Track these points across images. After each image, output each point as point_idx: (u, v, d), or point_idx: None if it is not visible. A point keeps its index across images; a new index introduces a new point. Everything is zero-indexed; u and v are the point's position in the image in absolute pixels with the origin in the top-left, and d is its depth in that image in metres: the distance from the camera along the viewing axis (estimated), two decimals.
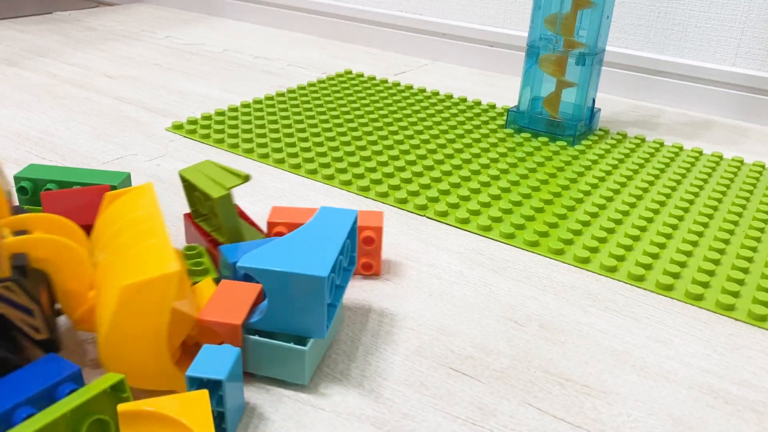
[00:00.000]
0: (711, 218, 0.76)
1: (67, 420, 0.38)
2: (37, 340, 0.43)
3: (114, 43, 1.39)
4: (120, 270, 0.44)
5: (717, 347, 0.55)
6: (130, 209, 0.50)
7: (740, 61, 1.10)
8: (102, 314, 0.44)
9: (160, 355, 0.44)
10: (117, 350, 0.43)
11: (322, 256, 0.47)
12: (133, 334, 0.43)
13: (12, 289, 0.41)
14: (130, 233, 0.47)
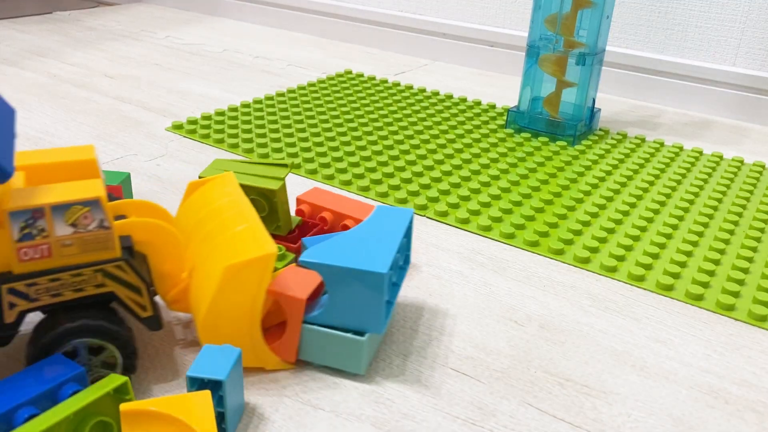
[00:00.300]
0: (711, 218, 0.76)
1: (70, 421, 0.39)
2: (143, 317, 0.46)
3: (114, 43, 1.39)
4: (216, 252, 0.47)
5: (717, 347, 0.55)
6: (214, 197, 0.52)
7: (740, 61, 1.10)
8: (200, 294, 0.46)
9: (255, 332, 0.47)
10: (216, 328, 0.46)
11: (382, 253, 0.48)
12: (231, 312, 0.46)
13: (123, 268, 0.44)
14: (219, 219, 0.50)
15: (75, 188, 0.43)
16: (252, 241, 0.46)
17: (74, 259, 0.42)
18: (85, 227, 0.42)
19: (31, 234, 0.41)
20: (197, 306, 0.47)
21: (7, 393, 0.40)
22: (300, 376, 0.49)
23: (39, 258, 0.41)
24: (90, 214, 0.42)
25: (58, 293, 0.42)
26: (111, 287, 0.44)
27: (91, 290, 0.43)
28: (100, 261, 0.43)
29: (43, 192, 0.42)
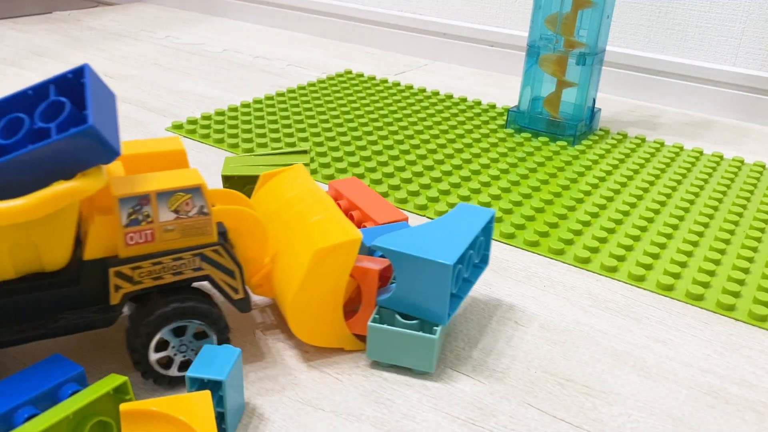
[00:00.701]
0: (711, 218, 0.76)
1: (70, 421, 0.39)
2: (235, 299, 0.48)
3: (114, 43, 1.39)
4: (301, 238, 0.49)
5: (717, 347, 0.55)
6: (288, 187, 0.55)
7: (741, 61, 1.10)
8: (286, 278, 0.49)
9: (337, 314, 0.49)
10: (302, 310, 0.48)
11: (452, 246, 0.49)
12: (317, 294, 0.48)
13: (219, 252, 0.46)
14: (298, 207, 0.52)
15: (177, 176, 0.45)
16: (336, 227, 0.49)
17: (175, 243, 0.44)
18: (186, 213, 0.44)
19: (137, 219, 0.43)
20: (283, 289, 0.49)
21: (7, 393, 0.40)
22: (300, 376, 0.49)
23: (143, 243, 0.43)
24: (191, 201, 0.44)
25: (159, 276, 0.44)
26: (207, 271, 0.46)
27: (189, 273, 0.45)
28: (198, 245, 0.45)
29: (148, 180, 0.44)
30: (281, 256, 0.50)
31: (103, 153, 0.40)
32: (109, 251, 0.43)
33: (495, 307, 0.58)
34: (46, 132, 0.39)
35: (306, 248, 0.48)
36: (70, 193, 0.38)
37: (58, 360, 0.43)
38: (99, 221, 0.42)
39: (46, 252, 0.41)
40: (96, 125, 0.38)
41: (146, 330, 0.44)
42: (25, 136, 0.40)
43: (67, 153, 0.39)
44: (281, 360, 0.50)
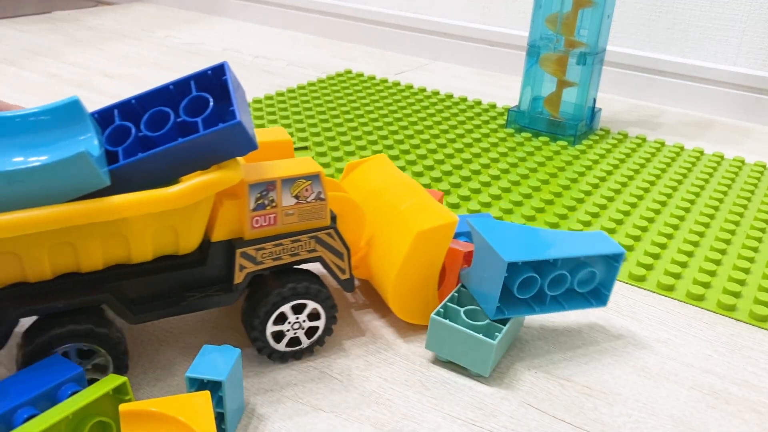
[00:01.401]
0: (712, 218, 0.76)
1: (69, 422, 0.38)
2: (342, 279, 0.51)
3: (113, 43, 1.39)
4: (399, 222, 0.52)
5: (718, 347, 0.55)
6: (375, 175, 0.58)
7: (741, 61, 1.10)
8: (386, 260, 0.52)
9: (432, 293, 0.53)
10: (402, 289, 0.52)
11: (530, 251, 0.49)
12: (416, 274, 0.52)
13: (332, 235, 0.49)
14: (390, 193, 0.55)
15: (299, 164, 0.48)
16: (433, 210, 0.52)
17: (294, 227, 0.47)
18: (305, 198, 0.47)
19: (263, 204, 0.46)
20: (383, 270, 0.53)
21: (6, 393, 0.40)
22: (300, 376, 0.49)
23: (267, 226, 0.46)
24: (311, 187, 0.47)
25: (279, 257, 0.47)
26: (320, 252, 0.49)
27: (304, 255, 0.48)
28: (314, 228, 0.48)
29: (273, 168, 0.47)
30: (379, 240, 0.54)
31: (244, 146, 0.42)
32: (235, 234, 0.46)
33: None
34: (191, 125, 0.42)
35: (407, 230, 0.51)
36: (217, 183, 0.42)
37: (58, 360, 0.43)
38: (227, 205, 0.45)
39: (184, 236, 0.44)
40: (242, 121, 0.41)
41: (265, 309, 0.47)
42: (172, 129, 0.42)
43: (213, 145, 0.41)
44: None
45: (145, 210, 0.40)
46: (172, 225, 0.43)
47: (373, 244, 0.54)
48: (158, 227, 0.42)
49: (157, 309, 0.45)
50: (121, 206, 0.39)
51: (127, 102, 0.44)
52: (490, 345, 0.47)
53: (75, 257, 0.41)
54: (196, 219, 0.44)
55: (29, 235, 0.38)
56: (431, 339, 0.50)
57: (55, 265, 0.41)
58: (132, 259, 0.43)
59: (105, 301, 0.43)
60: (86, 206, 0.39)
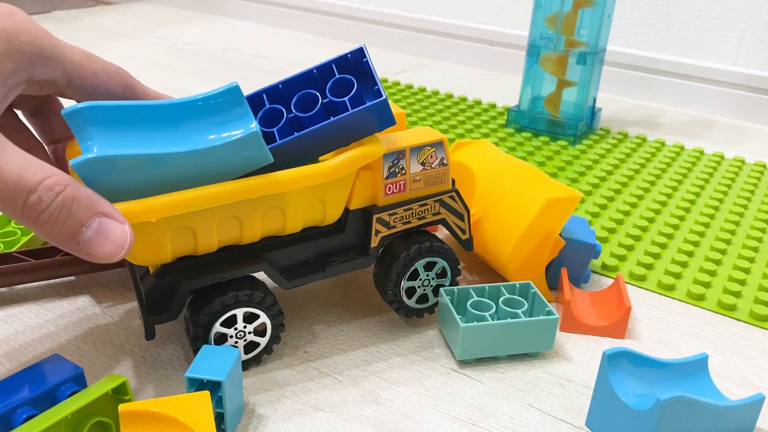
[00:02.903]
0: (712, 218, 0.75)
1: (68, 422, 0.38)
2: (463, 239, 0.54)
3: (113, 42, 1.39)
4: (526, 190, 0.56)
5: (718, 348, 0.54)
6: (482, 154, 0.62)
7: (742, 61, 1.10)
8: (507, 226, 0.55)
9: (542, 267, 0.56)
10: (520, 255, 0.55)
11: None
12: (535, 243, 0.55)
13: (454, 198, 0.52)
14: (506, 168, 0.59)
15: (423, 133, 0.50)
16: (558, 185, 0.56)
17: (420, 192, 0.50)
18: (430, 165, 0.50)
19: (395, 172, 0.49)
20: (502, 238, 0.55)
21: (5, 393, 0.40)
22: (300, 376, 0.49)
23: (397, 192, 0.50)
24: (435, 153, 0.50)
25: (408, 221, 0.51)
26: (444, 215, 0.52)
27: (430, 218, 0.52)
28: (438, 192, 0.51)
29: (400, 138, 0.49)
30: (496, 210, 0.57)
31: (385, 122, 0.46)
32: (369, 201, 0.50)
33: None
34: (339, 105, 0.45)
35: (536, 198, 0.54)
36: (366, 156, 0.45)
37: (57, 360, 0.43)
38: (363, 176, 0.48)
39: (331, 208, 0.47)
40: (386, 98, 0.44)
41: (402, 264, 0.50)
42: (320, 110, 0.44)
43: (360, 123, 0.45)
44: (281, 360, 0.50)
45: (305, 183, 0.44)
46: (322, 197, 0.46)
47: (488, 216, 0.57)
48: (311, 200, 0.46)
49: (306, 275, 0.49)
50: (285, 181, 0.43)
51: (274, 86, 0.46)
52: (460, 327, 0.48)
53: (239, 230, 0.45)
54: (342, 191, 0.47)
55: (204, 210, 0.42)
56: (439, 315, 0.53)
57: (222, 238, 0.45)
58: (286, 230, 0.47)
59: (263, 270, 0.47)
60: (256, 182, 0.42)
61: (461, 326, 0.48)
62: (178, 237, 0.43)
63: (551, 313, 0.51)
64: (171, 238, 0.42)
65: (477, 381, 0.49)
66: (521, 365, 0.51)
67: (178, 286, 0.45)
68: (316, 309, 0.56)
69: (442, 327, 0.53)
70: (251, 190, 0.42)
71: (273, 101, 0.46)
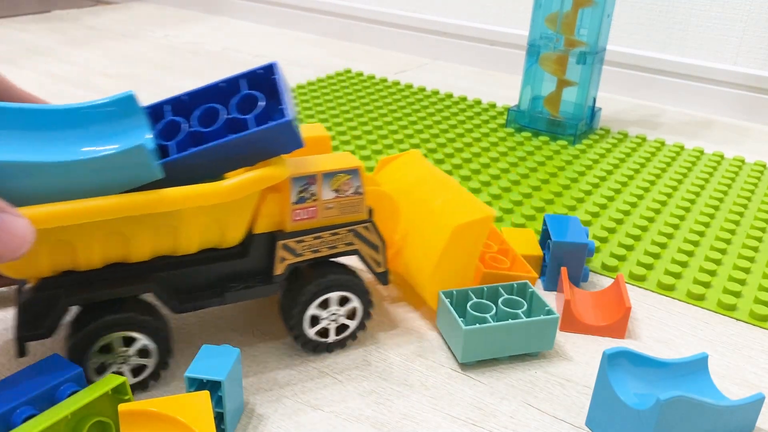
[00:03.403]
0: (712, 218, 0.75)
1: (68, 422, 0.38)
2: (378, 272, 0.51)
3: (113, 42, 1.39)
4: (436, 216, 0.53)
5: (718, 347, 0.54)
6: (408, 170, 0.60)
7: (741, 60, 1.10)
8: (421, 254, 0.53)
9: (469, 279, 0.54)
10: (439, 283, 0.53)
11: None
12: (453, 268, 0.53)
13: (369, 228, 0.50)
14: (425, 188, 0.57)
15: (338, 159, 0.49)
16: (470, 204, 0.53)
17: (333, 220, 0.48)
18: (344, 192, 0.48)
19: (304, 197, 0.47)
20: (419, 265, 0.54)
21: (4, 393, 0.40)
22: (299, 376, 0.49)
23: (307, 219, 0.47)
24: (350, 181, 0.48)
25: (318, 250, 0.48)
26: (357, 246, 0.50)
27: (342, 248, 0.49)
28: (352, 222, 0.49)
29: (314, 162, 0.48)
30: (414, 235, 0.55)
31: (291, 144, 0.44)
32: (275, 226, 0.47)
33: None
34: (243, 123, 0.43)
35: (444, 225, 0.52)
36: (266, 179, 0.43)
37: (57, 360, 0.42)
38: (270, 199, 0.46)
39: (230, 230, 0.45)
40: (292, 120, 0.42)
41: (305, 297, 0.48)
42: (222, 126, 0.43)
43: (262, 143, 0.43)
44: (281, 360, 0.50)
45: (197, 203, 0.41)
46: (220, 218, 0.44)
47: (408, 239, 0.55)
48: (206, 220, 0.44)
49: (201, 299, 0.46)
50: (175, 199, 0.41)
51: (177, 98, 0.45)
52: (462, 330, 0.48)
53: (125, 247, 0.43)
54: (243, 213, 0.45)
55: (85, 223, 0.39)
56: (438, 317, 0.53)
57: (106, 254, 0.42)
58: (178, 250, 0.44)
59: (151, 291, 0.44)
60: (142, 197, 0.40)
61: (463, 329, 0.48)
62: (56, 250, 0.40)
63: (551, 312, 0.51)
64: (49, 251, 0.40)
65: (477, 381, 0.49)
66: (521, 365, 0.51)
67: (56, 301, 0.42)
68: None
69: (442, 329, 0.52)
70: (134, 207, 0.40)
71: (177, 113, 0.45)
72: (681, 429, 0.42)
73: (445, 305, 0.51)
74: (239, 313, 0.55)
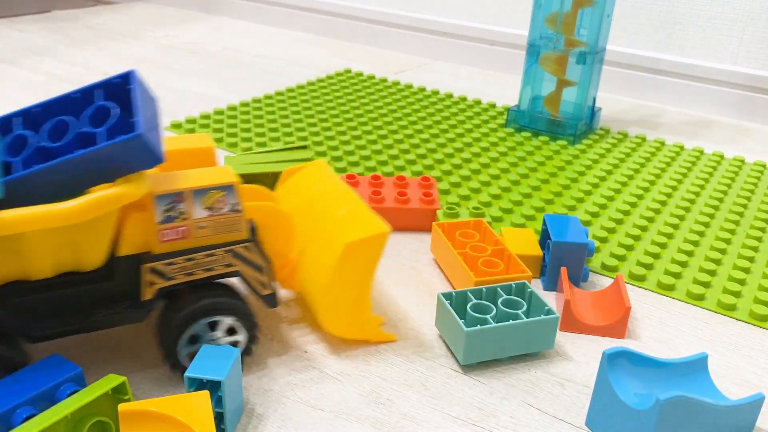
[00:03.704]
0: (712, 218, 0.75)
1: (68, 421, 0.38)
2: (263, 294, 0.48)
3: (113, 42, 1.39)
4: (330, 232, 0.50)
5: (718, 347, 0.54)
6: (311, 182, 0.56)
7: (741, 61, 1.10)
8: (315, 273, 0.50)
9: (365, 306, 0.50)
10: (332, 303, 0.49)
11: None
12: (347, 287, 0.49)
13: (249, 248, 0.46)
14: (323, 201, 0.53)
15: (211, 174, 0.45)
16: (364, 220, 0.50)
17: (207, 240, 0.45)
18: (219, 210, 0.45)
19: (172, 216, 0.43)
20: (312, 284, 0.50)
21: (5, 393, 0.40)
22: (299, 376, 0.49)
23: (177, 239, 0.44)
24: (225, 198, 0.45)
25: (191, 272, 0.45)
26: (238, 267, 0.47)
27: (221, 270, 0.46)
28: (230, 242, 0.46)
29: (183, 177, 0.44)
30: (309, 251, 0.51)
31: (147, 160, 0.41)
32: (143, 248, 0.44)
33: None
34: (94, 137, 0.40)
35: (335, 242, 0.48)
36: (116, 198, 0.40)
37: (57, 360, 0.42)
38: (134, 218, 0.43)
39: (87, 252, 0.42)
40: (144, 134, 0.39)
41: (177, 324, 0.45)
42: (72, 140, 0.40)
43: (113, 159, 0.40)
44: (281, 360, 0.50)
45: (36, 226, 0.38)
46: (73, 241, 0.41)
47: (305, 256, 0.52)
48: (57, 243, 0.40)
49: (60, 326, 0.43)
50: (11, 222, 0.37)
51: (28, 110, 0.42)
52: (463, 332, 0.48)
53: None
54: (99, 234, 0.42)
55: None
56: (438, 318, 0.52)
57: None
58: (30, 275, 0.41)
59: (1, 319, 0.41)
60: None
61: (465, 331, 0.48)
62: None
63: (551, 312, 0.51)
64: None
65: (477, 381, 0.49)
66: (521, 365, 0.51)
67: None
68: None
69: (442, 331, 0.52)
70: None
71: (28, 126, 0.42)
72: (681, 429, 0.42)
73: (445, 307, 0.51)
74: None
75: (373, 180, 0.73)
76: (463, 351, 0.49)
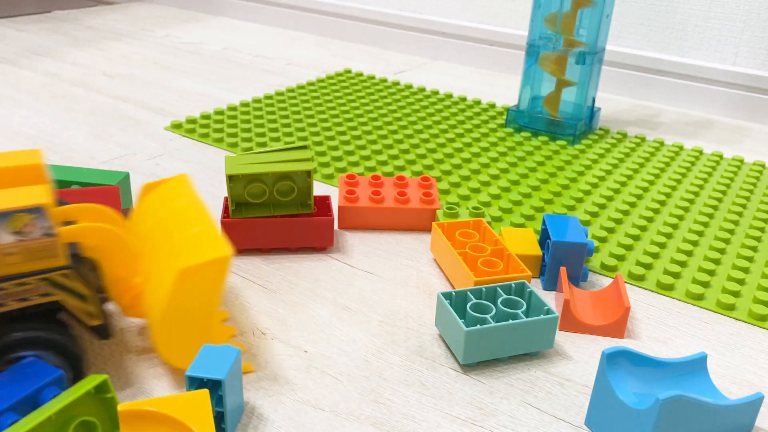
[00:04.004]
0: (711, 218, 0.76)
1: (53, 423, 0.38)
2: (91, 326, 0.45)
3: (113, 42, 1.39)
4: (170, 256, 0.46)
5: (718, 347, 0.55)
6: (168, 199, 0.52)
7: (740, 61, 1.10)
8: (154, 299, 0.45)
9: (209, 333, 0.47)
10: (171, 332, 0.46)
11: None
12: (186, 316, 0.45)
13: (69, 276, 0.43)
14: (173, 221, 0.49)
15: (19, 195, 0.41)
16: (207, 243, 0.46)
17: (18, 267, 0.41)
18: (28, 235, 0.40)
19: None
20: (151, 310, 0.46)
21: None
22: (300, 375, 0.49)
23: None
24: (35, 221, 0.40)
25: (2, 303, 0.41)
26: (57, 296, 0.43)
27: (37, 299, 0.42)
28: (45, 269, 0.42)
29: None
30: (152, 275, 0.47)
31: None
32: None
33: None
34: None
35: (172, 267, 0.44)
36: None
37: (36, 364, 0.42)
38: None
39: None
40: None
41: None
42: None
43: None
44: (281, 360, 0.50)
45: None
46: None
47: (148, 280, 0.48)
48: None
49: None
50: None
51: None
52: (463, 332, 0.48)
53: None
54: None
55: None
56: (437, 318, 0.52)
57: None
58: None
59: None
60: None
61: (465, 330, 0.48)
62: None
63: (550, 311, 0.51)
64: None
65: (476, 380, 0.49)
66: (520, 364, 0.51)
67: None
68: (316, 309, 0.56)
69: (442, 330, 0.52)
70: None
71: None
72: (680, 428, 0.42)
73: (445, 306, 0.51)
74: (240, 314, 0.55)
75: (373, 180, 0.73)
76: (463, 350, 0.49)
